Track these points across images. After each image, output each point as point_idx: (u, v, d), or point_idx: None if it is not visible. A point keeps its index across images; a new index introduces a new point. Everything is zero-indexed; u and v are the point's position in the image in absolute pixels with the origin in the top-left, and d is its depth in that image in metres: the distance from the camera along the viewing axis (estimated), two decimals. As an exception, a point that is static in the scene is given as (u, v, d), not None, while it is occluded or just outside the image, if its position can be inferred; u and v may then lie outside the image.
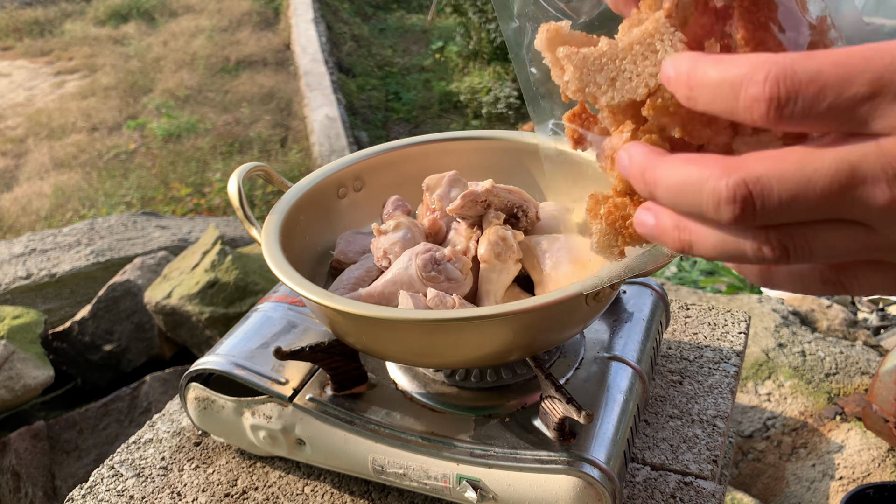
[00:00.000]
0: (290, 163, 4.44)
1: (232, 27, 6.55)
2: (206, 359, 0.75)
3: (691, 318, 0.98)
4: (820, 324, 1.71)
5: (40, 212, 4.09)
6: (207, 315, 1.96)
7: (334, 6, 6.97)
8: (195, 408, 0.75)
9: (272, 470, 0.76)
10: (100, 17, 6.99)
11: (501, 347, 0.61)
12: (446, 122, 5.27)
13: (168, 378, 1.90)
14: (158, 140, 4.77)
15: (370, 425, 0.68)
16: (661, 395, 0.82)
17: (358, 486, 0.73)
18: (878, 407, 1.25)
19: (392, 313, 0.60)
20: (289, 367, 0.73)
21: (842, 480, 1.29)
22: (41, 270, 2.30)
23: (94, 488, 0.75)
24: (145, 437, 0.82)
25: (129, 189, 4.23)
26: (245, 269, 2.02)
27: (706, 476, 0.72)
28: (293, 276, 0.64)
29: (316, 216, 0.79)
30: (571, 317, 0.63)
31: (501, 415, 0.67)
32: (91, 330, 2.10)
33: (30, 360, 1.82)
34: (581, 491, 0.60)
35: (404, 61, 6.26)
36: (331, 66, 5.60)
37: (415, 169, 0.83)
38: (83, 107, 5.28)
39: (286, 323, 0.79)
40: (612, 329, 0.78)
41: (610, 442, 0.63)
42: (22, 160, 4.73)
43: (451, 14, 5.84)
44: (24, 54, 6.42)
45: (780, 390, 1.44)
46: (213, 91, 5.47)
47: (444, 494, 0.66)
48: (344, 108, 5.00)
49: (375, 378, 0.73)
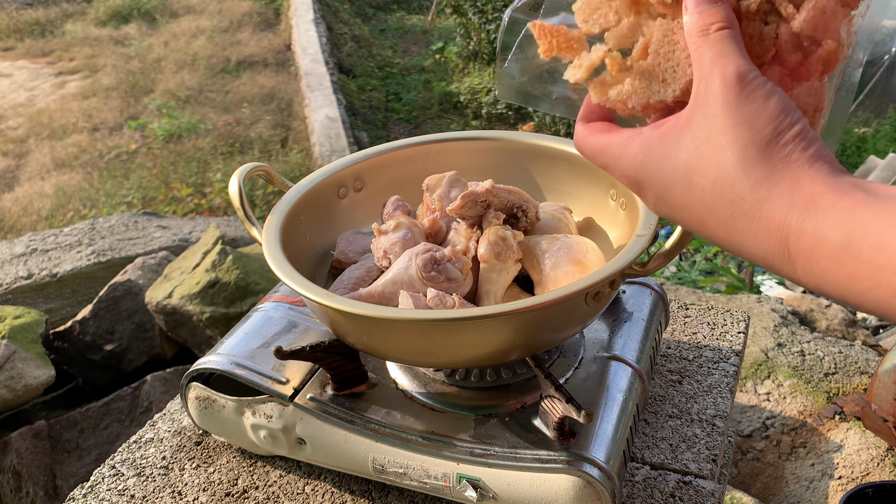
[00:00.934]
0: (290, 163, 4.44)
1: (233, 28, 6.56)
2: (206, 358, 0.75)
3: (690, 317, 0.98)
4: (819, 323, 1.71)
5: (41, 212, 4.09)
6: (208, 315, 1.96)
7: (335, 7, 6.98)
8: (196, 407, 0.76)
9: (273, 469, 0.76)
10: (101, 17, 6.99)
11: (501, 347, 0.62)
12: (446, 122, 5.27)
13: (169, 378, 1.90)
14: (159, 140, 4.77)
15: (370, 425, 0.68)
16: (661, 394, 0.83)
17: (358, 486, 0.74)
18: (877, 406, 1.25)
19: (392, 313, 0.60)
20: (289, 367, 0.73)
21: (841, 480, 1.30)
22: (42, 270, 2.30)
23: (95, 488, 0.76)
24: (146, 436, 0.82)
25: (130, 189, 4.23)
26: (246, 268, 2.02)
27: (705, 475, 0.72)
28: (294, 276, 0.64)
29: (316, 216, 0.79)
30: (571, 316, 0.63)
31: (501, 414, 0.67)
32: (92, 330, 2.11)
33: (31, 359, 1.82)
34: (581, 490, 0.60)
35: (404, 62, 6.27)
36: (331, 66, 5.60)
37: (415, 169, 0.83)
38: (84, 107, 5.29)
39: (287, 323, 0.79)
40: (611, 329, 0.78)
41: (609, 441, 0.64)
42: (23, 160, 4.73)
43: (450, 15, 5.84)
44: (26, 55, 6.42)
45: (780, 390, 1.45)
46: (213, 91, 5.48)
47: (444, 494, 0.66)
48: (344, 109, 5.01)
49: (376, 378, 0.73)
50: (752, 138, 0.38)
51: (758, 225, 0.38)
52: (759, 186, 0.37)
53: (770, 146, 0.38)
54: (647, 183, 0.43)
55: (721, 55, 0.40)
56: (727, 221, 0.39)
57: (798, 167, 0.37)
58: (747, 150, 0.38)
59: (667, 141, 0.42)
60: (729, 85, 0.39)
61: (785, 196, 0.37)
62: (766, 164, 0.38)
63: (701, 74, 0.41)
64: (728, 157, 0.38)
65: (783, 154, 0.38)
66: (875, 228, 0.34)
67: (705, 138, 0.40)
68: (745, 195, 0.38)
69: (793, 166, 0.37)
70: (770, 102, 0.38)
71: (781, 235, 0.37)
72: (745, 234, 0.38)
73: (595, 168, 0.75)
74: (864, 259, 0.34)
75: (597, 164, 0.47)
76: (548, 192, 0.83)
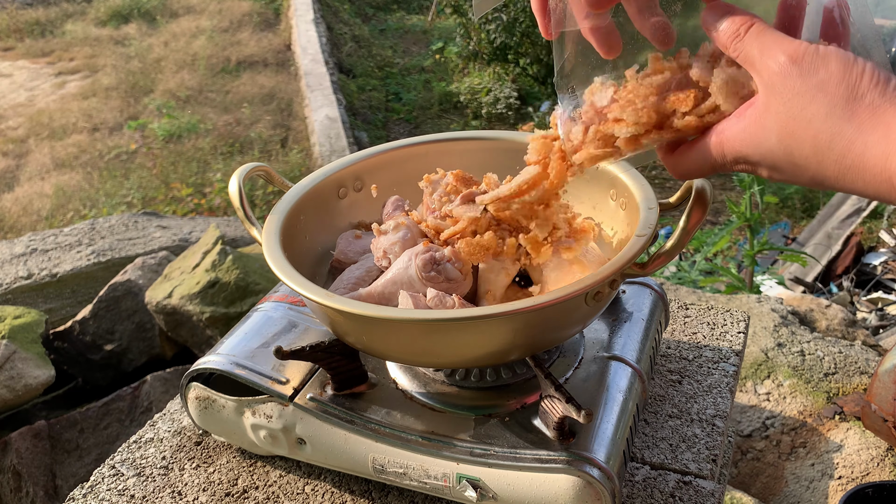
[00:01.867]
0: (290, 163, 4.44)
1: (233, 28, 6.55)
2: (206, 358, 0.75)
3: (690, 317, 0.98)
4: (819, 323, 1.71)
5: (41, 212, 4.09)
6: (208, 315, 1.96)
7: (335, 7, 6.98)
8: (196, 407, 0.76)
9: (273, 469, 0.76)
10: (101, 17, 6.99)
11: (501, 347, 0.62)
12: (446, 122, 5.27)
13: (169, 378, 1.90)
14: (159, 140, 4.77)
15: (370, 425, 0.68)
16: (661, 394, 0.83)
17: (358, 486, 0.74)
18: (877, 406, 1.25)
19: (392, 313, 0.60)
20: (289, 367, 0.73)
21: (841, 480, 1.30)
22: (42, 270, 2.30)
23: (95, 487, 0.76)
24: (146, 436, 0.82)
25: (130, 189, 4.23)
26: (246, 268, 2.02)
27: (705, 475, 0.72)
28: (294, 276, 0.64)
29: (316, 216, 0.79)
30: (571, 316, 0.63)
31: (501, 414, 0.67)
32: (92, 330, 2.10)
33: (31, 359, 1.82)
34: (581, 490, 0.60)
35: (404, 62, 6.26)
36: (331, 66, 5.60)
37: (415, 169, 0.83)
38: (84, 107, 5.29)
39: (287, 323, 0.79)
40: (611, 329, 0.78)
41: (609, 441, 0.64)
42: (23, 160, 4.73)
43: (450, 15, 5.84)
44: (26, 55, 6.42)
45: (780, 390, 1.45)
46: (213, 91, 5.47)
47: (444, 493, 0.66)
48: (344, 109, 5.00)
49: (375, 378, 0.73)
50: (833, 103, 0.42)
51: (865, 174, 0.41)
52: (855, 143, 0.41)
53: (850, 102, 0.41)
54: (757, 165, 0.47)
55: (766, 46, 0.44)
56: (838, 178, 0.43)
57: (884, 112, 0.40)
58: (832, 115, 0.42)
59: (752, 129, 0.46)
60: (786, 70, 0.43)
61: (881, 144, 0.40)
62: (854, 121, 0.41)
63: (757, 70, 0.45)
64: (818, 128, 0.42)
65: (865, 104, 0.41)
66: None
67: (790, 118, 0.43)
68: (845, 154, 0.42)
69: (878, 112, 0.40)
70: (831, 65, 0.42)
71: (887, 178, 0.40)
72: (857, 184, 0.42)
73: (595, 168, 0.75)
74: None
75: (708, 174, 0.52)
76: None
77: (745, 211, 2.03)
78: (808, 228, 3.43)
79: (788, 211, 3.87)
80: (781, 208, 3.88)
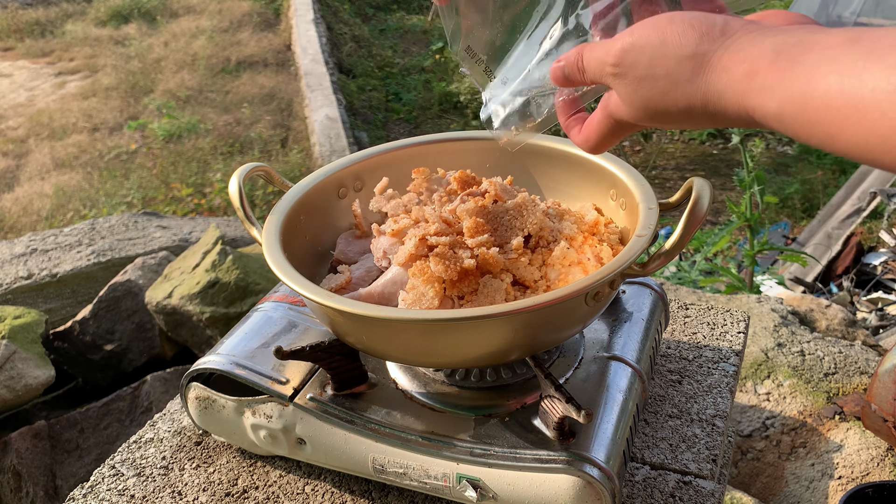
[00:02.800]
0: (290, 163, 4.44)
1: (233, 28, 6.55)
2: (206, 358, 0.75)
3: (690, 317, 0.98)
4: (819, 323, 1.71)
5: (41, 212, 4.09)
6: (208, 315, 1.96)
7: (335, 7, 6.98)
8: (196, 407, 0.76)
9: (273, 469, 0.76)
10: (101, 17, 6.98)
11: (501, 347, 0.62)
12: (446, 122, 5.27)
13: (169, 378, 1.90)
14: (159, 140, 4.77)
15: (370, 425, 0.68)
16: (661, 394, 0.83)
17: (358, 486, 0.74)
18: (877, 406, 1.25)
19: (392, 313, 0.60)
20: (289, 367, 0.73)
21: (841, 480, 1.30)
22: (42, 270, 2.30)
23: (95, 488, 0.76)
24: (146, 436, 0.82)
25: (130, 189, 4.23)
26: (246, 268, 2.02)
27: (705, 475, 0.72)
28: (294, 276, 0.64)
29: (316, 216, 0.79)
30: (571, 316, 0.63)
31: (501, 414, 0.67)
32: (92, 330, 2.10)
33: (31, 359, 1.82)
34: (580, 490, 0.60)
35: (404, 62, 6.26)
36: (331, 66, 5.60)
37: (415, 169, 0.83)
38: (84, 107, 5.28)
39: (287, 323, 0.79)
40: (611, 329, 0.78)
41: (609, 441, 0.64)
42: (23, 160, 4.73)
43: (451, 14, 5.83)
44: (26, 55, 6.42)
45: (780, 390, 1.45)
46: (213, 91, 5.47)
47: (444, 494, 0.66)
48: (344, 109, 5.00)
49: (375, 378, 0.73)
50: (671, 77, 0.44)
51: (730, 119, 0.44)
52: (709, 95, 0.43)
53: (685, 67, 0.43)
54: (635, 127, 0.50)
55: (597, 63, 0.48)
56: (712, 122, 0.45)
57: (718, 59, 0.42)
58: (678, 85, 0.44)
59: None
60: (618, 72, 0.47)
61: (729, 89, 0.42)
62: (698, 79, 0.43)
63: (606, 83, 0.49)
64: (675, 98, 0.45)
65: (699, 61, 0.43)
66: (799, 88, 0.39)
67: (647, 100, 0.46)
68: (706, 106, 0.44)
69: (713, 62, 0.42)
70: (646, 50, 0.45)
71: (745, 115, 0.42)
72: (728, 123, 0.44)
73: (595, 168, 0.75)
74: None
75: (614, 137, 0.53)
76: (548, 192, 0.83)
77: (745, 211, 2.03)
78: (808, 228, 3.43)
79: (788, 211, 3.87)
80: (781, 208, 3.88)
